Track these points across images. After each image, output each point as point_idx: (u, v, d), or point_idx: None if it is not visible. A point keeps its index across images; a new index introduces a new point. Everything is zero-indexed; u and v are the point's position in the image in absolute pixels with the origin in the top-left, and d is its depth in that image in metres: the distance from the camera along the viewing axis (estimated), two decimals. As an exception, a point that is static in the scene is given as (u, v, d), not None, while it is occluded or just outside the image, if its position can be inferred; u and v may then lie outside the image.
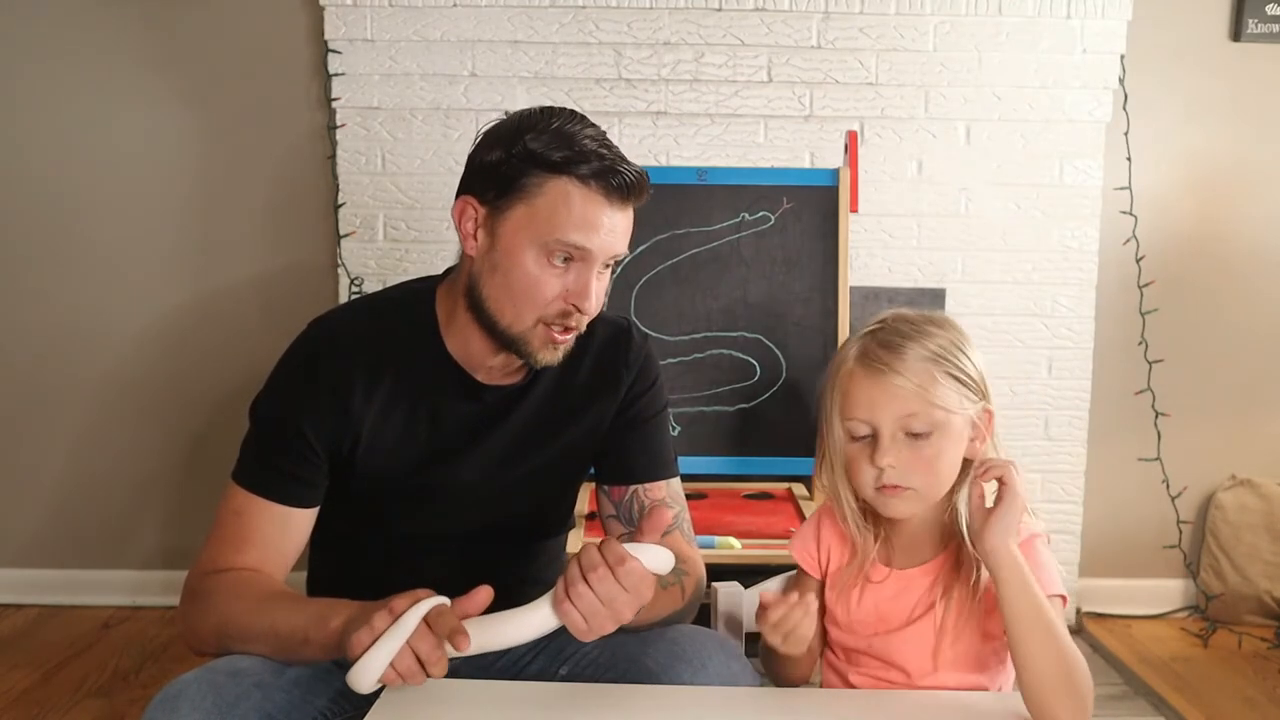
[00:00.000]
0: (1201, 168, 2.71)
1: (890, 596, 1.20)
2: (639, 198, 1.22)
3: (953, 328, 1.18)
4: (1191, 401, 2.74)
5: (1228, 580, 2.73)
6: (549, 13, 2.57)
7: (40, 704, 2.22)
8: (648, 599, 1.06)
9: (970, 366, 1.16)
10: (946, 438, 1.14)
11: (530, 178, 1.19)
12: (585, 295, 1.21)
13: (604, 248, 1.21)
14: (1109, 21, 2.58)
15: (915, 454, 1.13)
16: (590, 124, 1.22)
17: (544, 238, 1.19)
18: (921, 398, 1.12)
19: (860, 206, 2.46)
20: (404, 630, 1.00)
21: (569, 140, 1.19)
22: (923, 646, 1.17)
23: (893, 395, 1.12)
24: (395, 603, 1.03)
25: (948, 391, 1.13)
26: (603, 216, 1.19)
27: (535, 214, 1.19)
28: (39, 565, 2.79)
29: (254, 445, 1.27)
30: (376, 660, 1.00)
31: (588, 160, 1.18)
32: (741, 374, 2.35)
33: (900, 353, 1.13)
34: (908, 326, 1.16)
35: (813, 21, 2.58)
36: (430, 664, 1.00)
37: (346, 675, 1.02)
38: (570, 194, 1.18)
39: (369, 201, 2.64)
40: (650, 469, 1.38)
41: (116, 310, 2.73)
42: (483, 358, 1.28)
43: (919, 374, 1.12)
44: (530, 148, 1.18)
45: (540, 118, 1.21)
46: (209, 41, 2.64)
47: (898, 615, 1.19)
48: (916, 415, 1.12)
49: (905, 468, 1.13)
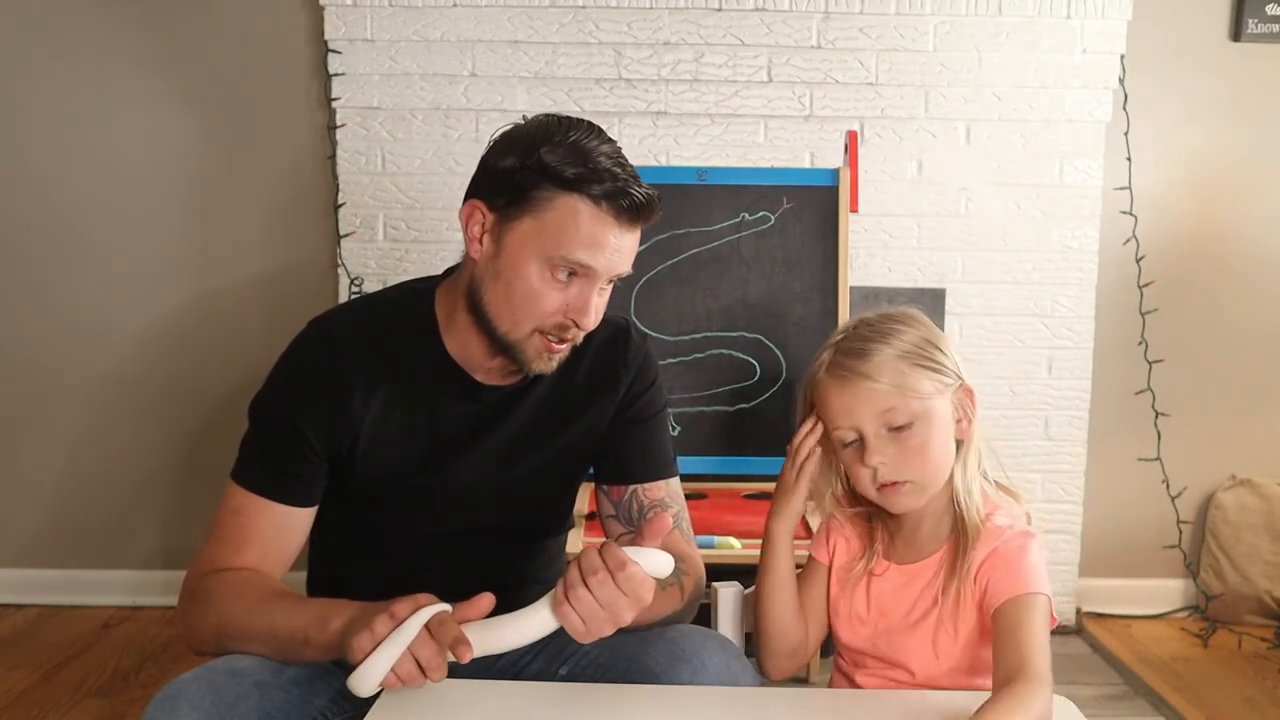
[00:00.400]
0: (1201, 168, 2.71)
1: (892, 591, 1.21)
2: (648, 219, 1.22)
3: (916, 321, 1.20)
4: (1191, 401, 2.74)
5: (1228, 580, 2.73)
6: (549, 13, 2.57)
7: (40, 704, 2.22)
8: (647, 603, 1.06)
9: (938, 354, 1.18)
10: (930, 425, 1.16)
11: (541, 191, 1.18)
12: (585, 311, 1.21)
13: (608, 267, 1.21)
14: (1109, 21, 2.58)
15: (902, 447, 1.15)
16: (607, 139, 1.22)
17: (549, 253, 1.19)
18: (895, 393, 1.14)
19: (860, 206, 2.46)
20: (405, 636, 1.01)
21: (584, 157, 1.18)
22: (925, 645, 1.18)
23: (866, 397, 1.15)
24: (396, 608, 1.03)
25: (920, 380, 1.15)
26: (610, 237, 1.19)
27: (543, 228, 1.19)
28: (39, 565, 2.79)
29: (253, 445, 1.27)
30: (378, 666, 1.00)
31: (601, 180, 1.17)
32: (741, 374, 2.35)
33: (866, 356, 1.16)
34: (869, 330, 1.19)
35: (813, 21, 2.58)
36: (431, 670, 1.01)
37: (347, 680, 1.02)
38: (580, 212, 1.18)
39: (369, 201, 2.64)
40: (650, 469, 1.38)
41: (116, 310, 2.73)
42: (482, 358, 1.28)
43: (888, 372, 1.15)
44: (545, 161, 1.18)
45: (558, 129, 1.20)
46: (209, 42, 2.65)
47: (899, 611, 1.20)
48: (894, 409, 1.15)
49: (896, 462, 1.15)
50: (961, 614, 1.16)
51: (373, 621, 1.02)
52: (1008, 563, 1.14)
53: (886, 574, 1.22)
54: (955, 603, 1.16)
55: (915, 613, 1.19)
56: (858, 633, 1.23)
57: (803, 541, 2.05)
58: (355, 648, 1.02)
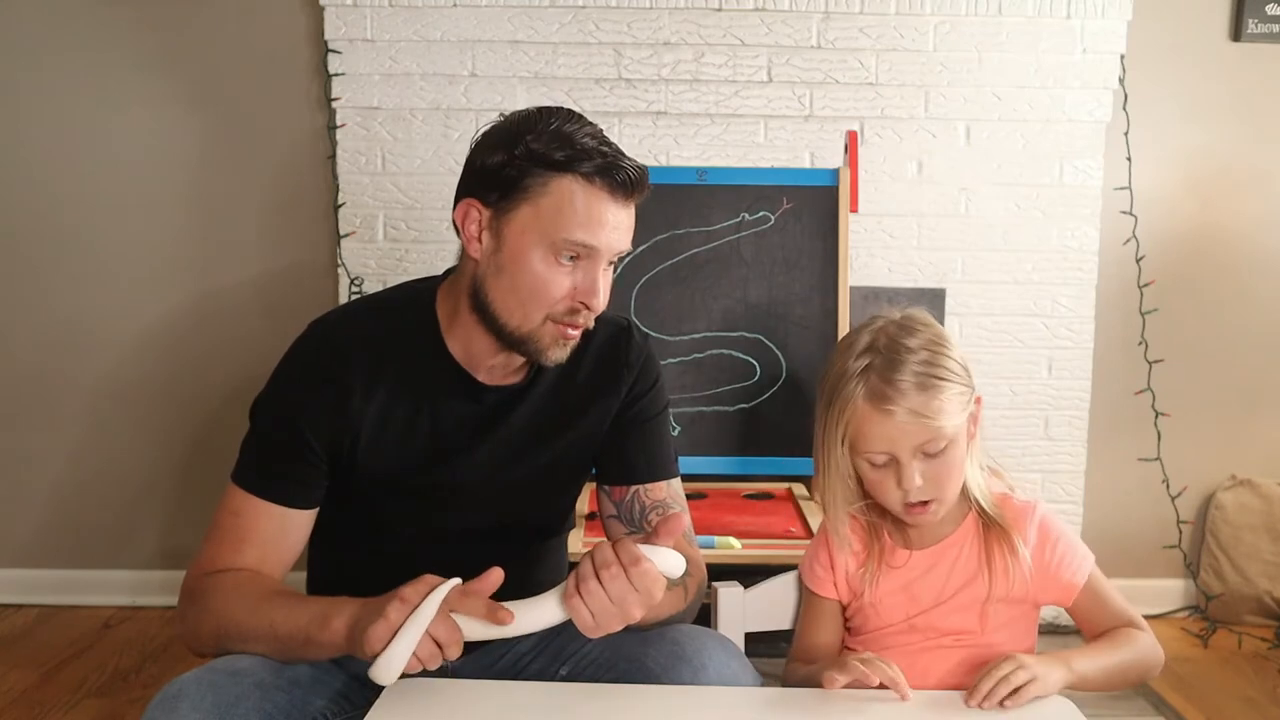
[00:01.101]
0: (1201, 168, 2.71)
1: (920, 575, 1.24)
2: (641, 193, 1.23)
3: (944, 341, 1.22)
4: (1191, 401, 2.74)
5: (1228, 580, 2.73)
6: (549, 13, 2.57)
7: (40, 704, 2.22)
8: (657, 601, 1.06)
9: (956, 365, 1.20)
10: (957, 445, 1.20)
11: (534, 178, 1.19)
12: (594, 292, 1.22)
13: (610, 244, 1.21)
14: (1109, 21, 2.58)
15: (935, 469, 1.19)
16: (587, 122, 1.23)
17: (551, 237, 1.19)
18: (933, 426, 1.17)
19: (860, 206, 2.46)
20: (423, 618, 1.01)
21: (569, 139, 1.19)
22: (970, 613, 1.23)
23: (906, 430, 1.17)
24: (406, 592, 1.03)
25: (952, 405, 1.18)
26: (607, 213, 1.20)
27: (540, 213, 1.19)
28: (39, 565, 2.79)
29: (254, 446, 1.27)
30: (399, 652, 1.00)
31: (590, 157, 1.18)
32: (742, 374, 2.35)
33: (903, 388, 1.17)
34: (909, 355, 1.18)
35: (813, 21, 2.58)
36: (449, 645, 1.02)
37: (370, 670, 1.02)
38: (575, 192, 1.19)
39: (369, 201, 2.64)
40: (651, 469, 1.38)
41: (116, 310, 2.73)
42: (484, 358, 1.28)
43: (926, 405, 1.17)
44: (532, 148, 1.19)
45: (539, 118, 1.21)
46: (209, 42, 2.64)
47: (933, 590, 1.24)
48: (932, 440, 1.18)
49: (929, 484, 1.19)
50: (1012, 583, 1.22)
51: (386, 610, 1.02)
52: (1064, 541, 1.24)
53: (909, 562, 1.26)
54: (1004, 574, 1.22)
55: (950, 587, 1.24)
56: (888, 623, 1.25)
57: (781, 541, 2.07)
58: (373, 638, 1.02)
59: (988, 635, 1.23)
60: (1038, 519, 1.25)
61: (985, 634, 1.23)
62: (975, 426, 1.23)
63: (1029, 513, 1.25)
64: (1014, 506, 1.26)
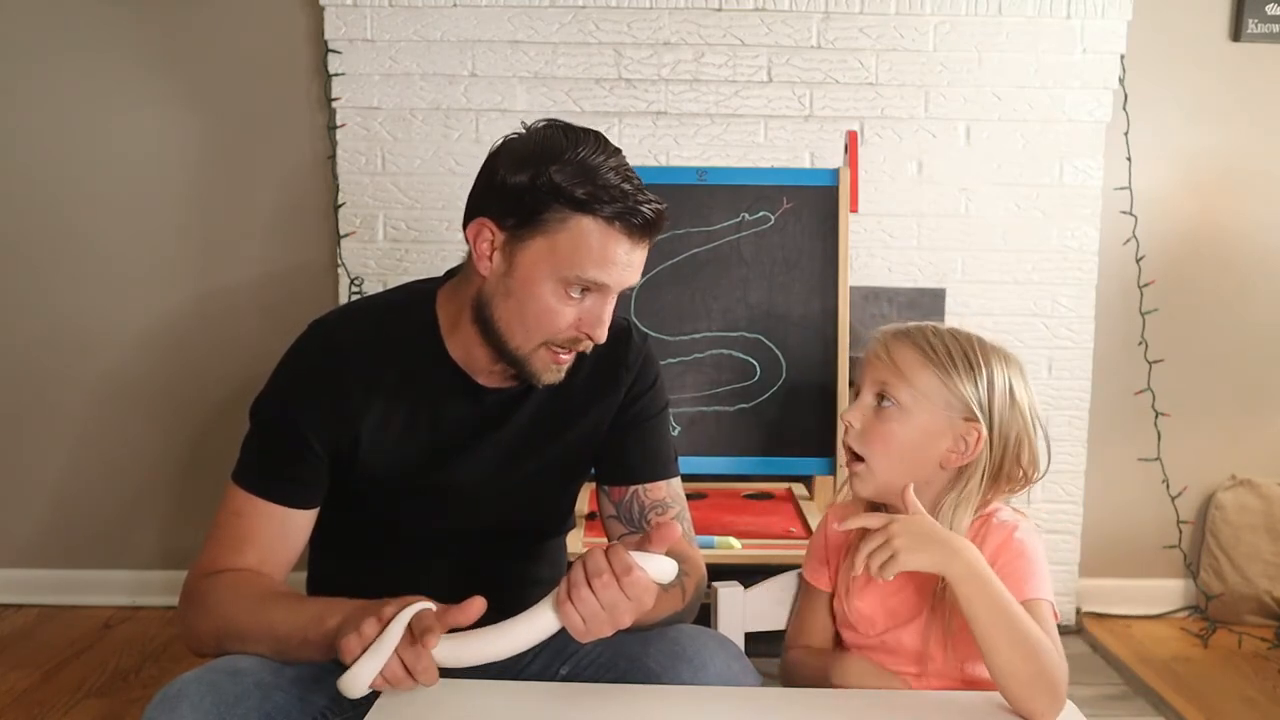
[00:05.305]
0: (1201, 168, 2.71)
1: (893, 591, 1.22)
2: (657, 233, 1.24)
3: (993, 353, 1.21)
4: (1191, 401, 2.74)
5: (1228, 580, 2.73)
6: (549, 13, 2.57)
7: (40, 704, 2.22)
8: (648, 608, 1.06)
9: (973, 389, 1.18)
10: (907, 420, 1.19)
11: (553, 212, 1.18)
12: (599, 324, 1.23)
13: (621, 281, 1.22)
14: (1109, 21, 2.58)
15: (876, 425, 1.20)
16: (613, 152, 1.21)
17: (563, 272, 1.19)
18: (898, 372, 1.19)
19: (860, 206, 2.46)
20: (392, 638, 1.01)
21: (592, 174, 1.18)
22: (922, 639, 1.19)
23: (876, 363, 1.21)
24: (385, 610, 1.03)
25: (924, 376, 1.18)
26: (621, 253, 1.20)
27: (556, 248, 1.19)
28: (39, 565, 2.79)
29: (254, 446, 1.27)
30: (366, 668, 1.00)
31: (611, 200, 1.18)
32: (742, 374, 2.35)
33: (900, 334, 1.22)
34: (923, 326, 1.23)
35: (813, 21, 2.58)
36: (416, 672, 1.00)
37: (337, 682, 1.02)
38: (591, 233, 1.18)
39: (369, 201, 2.64)
40: (651, 469, 1.38)
41: (116, 310, 2.73)
42: (485, 363, 1.29)
43: (906, 359, 1.20)
44: (555, 180, 1.17)
45: (565, 145, 1.20)
46: (209, 42, 2.65)
47: (904, 610, 1.21)
48: (888, 384, 1.19)
49: (863, 433, 1.20)
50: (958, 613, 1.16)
51: (360, 624, 1.02)
52: (1023, 560, 1.16)
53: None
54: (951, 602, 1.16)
55: (916, 609, 1.20)
56: (864, 634, 1.24)
57: (781, 541, 2.07)
58: (345, 650, 1.02)
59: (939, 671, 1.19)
60: (1005, 535, 1.18)
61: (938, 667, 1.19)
62: (959, 460, 1.19)
63: (1001, 529, 1.19)
64: (992, 524, 1.20)
